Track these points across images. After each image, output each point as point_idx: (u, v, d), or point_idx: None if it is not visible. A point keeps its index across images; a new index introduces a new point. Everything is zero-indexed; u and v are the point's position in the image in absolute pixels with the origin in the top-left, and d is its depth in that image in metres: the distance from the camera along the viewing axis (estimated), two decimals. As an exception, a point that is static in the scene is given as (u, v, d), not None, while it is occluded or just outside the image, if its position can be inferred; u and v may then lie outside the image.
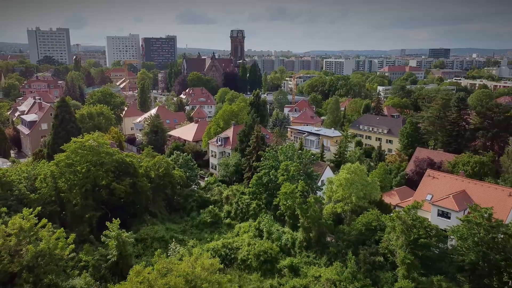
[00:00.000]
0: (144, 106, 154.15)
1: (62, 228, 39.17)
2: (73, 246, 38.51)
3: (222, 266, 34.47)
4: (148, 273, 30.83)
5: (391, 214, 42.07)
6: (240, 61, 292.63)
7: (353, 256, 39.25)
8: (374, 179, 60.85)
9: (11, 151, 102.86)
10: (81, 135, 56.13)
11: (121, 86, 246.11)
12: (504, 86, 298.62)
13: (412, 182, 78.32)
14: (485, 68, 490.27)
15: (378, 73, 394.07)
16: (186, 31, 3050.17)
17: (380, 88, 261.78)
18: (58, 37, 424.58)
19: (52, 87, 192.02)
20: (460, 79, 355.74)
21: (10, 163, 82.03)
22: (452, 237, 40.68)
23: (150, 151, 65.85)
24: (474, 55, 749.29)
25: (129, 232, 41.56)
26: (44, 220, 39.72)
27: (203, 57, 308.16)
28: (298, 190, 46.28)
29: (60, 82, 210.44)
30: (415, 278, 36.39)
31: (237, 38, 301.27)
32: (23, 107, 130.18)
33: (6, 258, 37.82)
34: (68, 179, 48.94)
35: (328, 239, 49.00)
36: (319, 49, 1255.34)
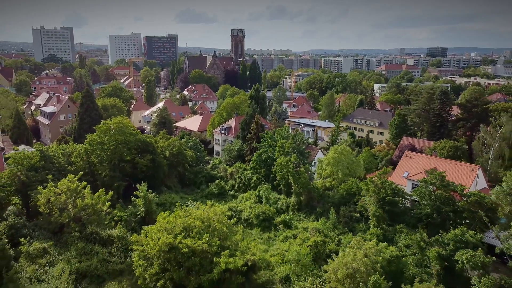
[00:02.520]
0: (151, 100, 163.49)
1: (102, 188, 48.67)
2: (109, 203, 48.02)
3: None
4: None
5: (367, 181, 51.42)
6: (240, 59, 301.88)
7: (334, 210, 48.76)
8: (358, 158, 70.40)
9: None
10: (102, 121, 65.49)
11: (125, 83, 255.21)
12: (497, 84, 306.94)
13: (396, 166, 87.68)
14: (481, 66, 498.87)
15: (375, 71, 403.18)
16: (186, 30, 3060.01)
17: (376, 85, 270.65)
18: (62, 35, 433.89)
19: (61, 83, 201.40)
20: (455, 77, 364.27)
21: (33, 150, 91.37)
22: (415, 197, 50.03)
23: (165, 134, 75.37)
24: (472, 54, 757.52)
25: (153, 193, 50.97)
26: (84, 183, 49.19)
27: (204, 56, 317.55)
28: (291, 162, 55.69)
29: (69, 79, 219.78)
30: (383, 227, 45.84)
31: (237, 37, 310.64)
32: (38, 100, 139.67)
33: (56, 212, 47.35)
34: (98, 154, 58.40)
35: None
36: (318, 48, 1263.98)
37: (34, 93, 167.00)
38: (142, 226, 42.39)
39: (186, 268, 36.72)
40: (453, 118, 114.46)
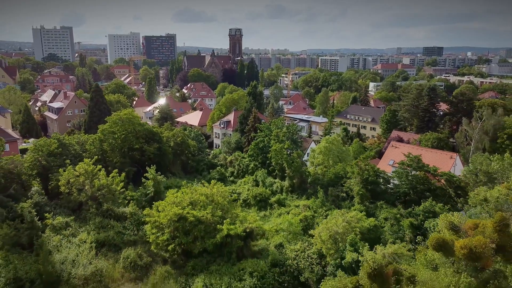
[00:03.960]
0: (152, 97, 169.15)
1: (116, 169, 54.51)
2: (122, 183, 53.86)
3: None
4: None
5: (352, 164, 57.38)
6: (238, 58, 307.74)
7: (323, 191, 54.76)
8: (348, 148, 76.38)
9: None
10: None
11: (126, 81, 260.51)
12: (489, 83, 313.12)
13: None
14: (475, 65, 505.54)
15: (371, 70, 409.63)
16: (184, 29, 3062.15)
17: (371, 84, 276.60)
18: (62, 35, 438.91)
19: (64, 81, 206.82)
20: (449, 76, 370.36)
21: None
22: (395, 178, 56.04)
23: (169, 126, 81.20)
24: (468, 54, 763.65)
25: (161, 175, 56.84)
26: (99, 166, 55.02)
27: (202, 55, 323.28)
28: (285, 148, 61.62)
29: (71, 77, 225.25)
30: (366, 204, 51.81)
31: (235, 36, 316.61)
32: (44, 97, 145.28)
33: (75, 192, 53.16)
34: (110, 143, 64.19)
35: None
36: (316, 48, 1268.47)
37: (39, 91, 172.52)
38: (154, 203, 48.14)
39: (193, 235, 42.58)
40: (441, 113, 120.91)
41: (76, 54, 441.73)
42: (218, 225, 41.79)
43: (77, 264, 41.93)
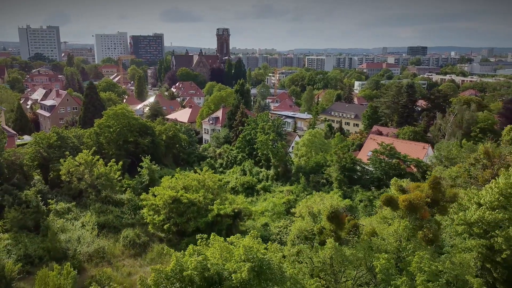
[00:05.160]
0: (141, 96, 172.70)
1: (113, 159, 58.75)
2: (119, 172, 58.11)
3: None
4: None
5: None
6: (226, 57, 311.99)
7: (305, 177, 59.83)
8: (329, 140, 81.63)
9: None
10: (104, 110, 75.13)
11: (115, 80, 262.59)
12: (470, 81, 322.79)
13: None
14: (457, 65, 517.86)
15: (356, 69, 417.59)
16: (171, 29, 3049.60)
17: (356, 83, 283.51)
18: (49, 34, 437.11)
19: (53, 80, 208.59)
20: (431, 75, 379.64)
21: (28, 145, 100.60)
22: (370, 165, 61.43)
23: (161, 120, 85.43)
24: (452, 53, 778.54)
25: (156, 165, 61.20)
26: (97, 156, 59.13)
27: (190, 54, 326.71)
28: (270, 140, 66.52)
29: (60, 76, 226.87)
30: (343, 189, 57.01)
31: (223, 36, 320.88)
32: (35, 95, 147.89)
33: (75, 180, 57.23)
34: (106, 136, 68.26)
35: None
36: (303, 47, 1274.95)
37: (29, 90, 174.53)
38: (150, 188, 52.54)
39: (186, 216, 47.13)
40: (419, 109, 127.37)
41: (63, 54, 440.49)
42: (209, 206, 46.44)
43: (82, 242, 46.18)
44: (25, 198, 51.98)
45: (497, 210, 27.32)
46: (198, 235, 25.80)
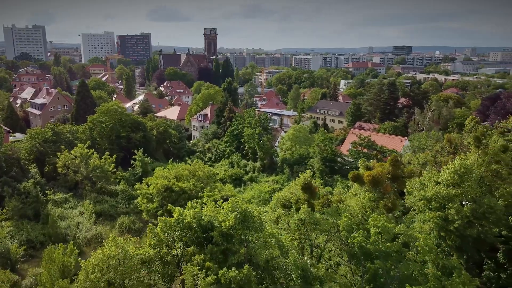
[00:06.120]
0: (130, 94, 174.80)
1: (107, 152, 61.93)
2: (113, 165, 61.28)
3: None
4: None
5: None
6: (213, 57, 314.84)
7: (288, 168, 63.83)
8: (313, 135, 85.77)
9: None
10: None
11: (103, 79, 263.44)
12: (452, 80, 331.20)
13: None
14: (441, 64, 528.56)
15: (342, 68, 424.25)
16: (159, 28, 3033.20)
17: (342, 81, 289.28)
18: (35, 34, 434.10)
19: (41, 80, 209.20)
20: (415, 74, 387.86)
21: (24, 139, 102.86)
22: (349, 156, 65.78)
23: (152, 117, 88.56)
24: (436, 53, 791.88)
25: (148, 157, 64.50)
26: (92, 150, 62.21)
27: (178, 54, 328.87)
28: (257, 134, 70.34)
29: (48, 75, 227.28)
30: (325, 178, 61.12)
31: (211, 36, 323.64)
32: (24, 94, 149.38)
33: (71, 173, 60.26)
34: (99, 131, 71.29)
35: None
36: (290, 47, 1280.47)
37: (17, 89, 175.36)
38: (143, 178, 55.87)
39: (178, 203, 50.55)
40: (400, 106, 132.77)
41: (49, 54, 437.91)
42: (199, 194, 49.96)
43: (80, 228, 49.38)
44: (24, 189, 54.82)
45: (451, 187, 31.59)
46: (194, 199, 30.15)
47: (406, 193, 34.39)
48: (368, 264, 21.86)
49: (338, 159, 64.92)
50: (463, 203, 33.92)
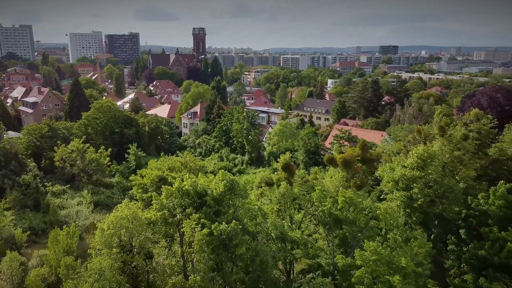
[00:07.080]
0: (120, 93, 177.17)
1: (103, 146, 65.10)
2: (109, 158, 64.49)
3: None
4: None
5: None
6: (202, 56, 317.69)
7: (274, 159, 67.78)
8: (299, 131, 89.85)
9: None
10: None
11: (92, 78, 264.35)
12: (437, 78, 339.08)
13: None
14: (427, 63, 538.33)
15: (330, 68, 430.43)
16: (147, 28, 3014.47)
17: (330, 81, 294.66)
18: (21, 33, 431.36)
19: (30, 79, 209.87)
20: (401, 73, 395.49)
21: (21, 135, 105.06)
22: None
23: (144, 114, 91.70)
24: (422, 52, 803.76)
25: (141, 151, 67.81)
26: (88, 145, 65.32)
27: (167, 53, 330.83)
28: (244, 128, 74.13)
29: (37, 75, 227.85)
30: (308, 169, 65.13)
31: (199, 35, 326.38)
32: (15, 93, 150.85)
33: (68, 166, 63.30)
34: (93, 127, 74.33)
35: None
36: (279, 47, 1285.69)
37: (7, 88, 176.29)
38: (137, 171, 59.19)
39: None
40: (383, 103, 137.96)
41: (36, 53, 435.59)
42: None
43: (79, 216, 52.61)
44: (23, 182, 57.77)
45: (415, 170, 35.82)
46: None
47: (378, 177, 38.55)
48: (337, 231, 25.77)
49: (322, 152, 69.00)
50: (430, 185, 38.25)
